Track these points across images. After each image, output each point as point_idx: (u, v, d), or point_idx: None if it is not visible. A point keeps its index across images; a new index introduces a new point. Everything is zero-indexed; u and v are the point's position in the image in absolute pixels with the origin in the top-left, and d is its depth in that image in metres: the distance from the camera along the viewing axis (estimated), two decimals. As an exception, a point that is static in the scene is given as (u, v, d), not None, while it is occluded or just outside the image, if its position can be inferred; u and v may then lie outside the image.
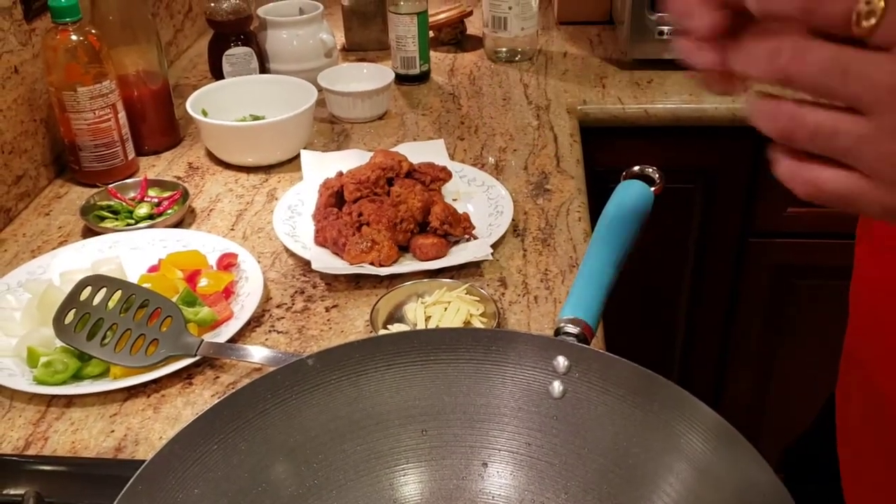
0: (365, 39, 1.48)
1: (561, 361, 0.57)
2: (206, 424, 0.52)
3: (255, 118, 1.18)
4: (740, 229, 1.38)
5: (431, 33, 1.45)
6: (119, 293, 0.78)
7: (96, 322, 0.76)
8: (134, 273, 0.87)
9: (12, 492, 0.63)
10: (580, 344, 0.57)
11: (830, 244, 1.36)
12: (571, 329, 0.58)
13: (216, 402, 0.54)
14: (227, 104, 1.18)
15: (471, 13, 1.51)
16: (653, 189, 0.70)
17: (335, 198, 0.96)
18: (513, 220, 0.96)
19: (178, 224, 1.00)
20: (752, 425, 1.55)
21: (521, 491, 0.57)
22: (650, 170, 0.71)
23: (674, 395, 0.52)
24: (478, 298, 0.82)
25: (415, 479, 0.58)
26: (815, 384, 1.50)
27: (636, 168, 0.71)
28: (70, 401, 0.75)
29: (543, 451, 0.57)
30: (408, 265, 0.89)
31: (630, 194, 0.68)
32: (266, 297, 0.87)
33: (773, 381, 1.51)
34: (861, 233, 0.70)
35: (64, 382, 0.75)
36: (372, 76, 1.26)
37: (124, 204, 1.02)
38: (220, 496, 0.52)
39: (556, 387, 0.57)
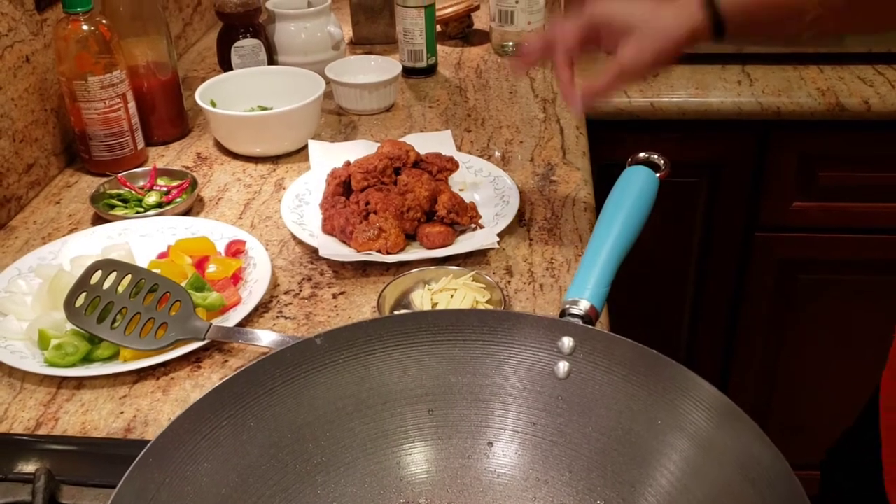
0: (372, 33, 1.49)
1: (566, 342, 0.57)
2: (216, 400, 0.53)
3: (264, 109, 1.19)
4: (745, 223, 1.38)
5: (438, 27, 1.45)
6: (129, 277, 0.79)
7: (106, 305, 0.77)
8: (143, 259, 0.88)
9: (24, 470, 0.64)
10: (585, 325, 0.58)
11: (836, 238, 1.36)
12: (576, 310, 0.59)
13: (226, 378, 0.54)
14: (236, 95, 1.19)
15: (478, 7, 1.52)
16: (658, 175, 0.70)
17: (343, 187, 0.97)
18: (519, 210, 0.96)
19: (187, 213, 1.01)
20: (756, 419, 1.55)
21: (525, 470, 0.57)
22: (656, 156, 0.71)
23: (677, 374, 0.53)
24: (484, 286, 0.83)
25: (421, 457, 0.58)
26: (821, 378, 1.50)
27: (642, 154, 0.72)
28: (80, 383, 0.75)
29: (548, 431, 0.57)
30: (415, 253, 0.90)
31: (636, 179, 0.69)
32: (274, 284, 0.88)
33: (777, 376, 1.52)
34: None
35: (74, 365, 0.75)
36: (379, 68, 1.27)
37: (134, 192, 1.03)
38: (229, 471, 0.53)
39: (561, 367, 0.57)
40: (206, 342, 0.77)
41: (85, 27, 1.02)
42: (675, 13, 0.78)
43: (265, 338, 0.76)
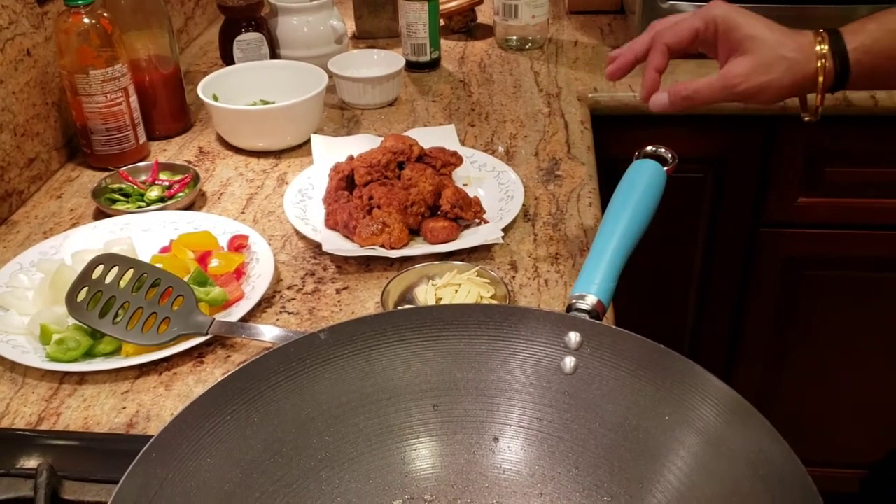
0: (375, 27, 1.48)
1: (573, 337, 0.57)
2: (219, 395, 0.53)
3: (266, 104, 1.18)
4: (750, 219, 1.38)
5: (442, 22, 1.45)
6: (131, 272, 0.78)
7: (108, 300, 0.77)
8: (146, 254, 0.87)
9: (26, 465, 0.64)
10: (592, 320, 0.57)
11: (841, 235, 1.36)
12: (583, 305, 0.58)
13: (229, 373, 0.54)
14: (238, 89, 1.18)
15: (482, 1, 1.51)
16: (666, 169, 0.69)
17: (346, 181, 0.96)
18: (523, 205, 0.96)
19: (189, 207, 1.00)
20: (761, 414, 1.54)
21: (531, 465, 0.57)
22: (663, 149, 0.71)
23: (685, 369, 0.52)
24: (488, 281, 0.82)
25: (426, 453, 0.58)
26: (826, 375, 1.49)
27: (649, 147, 0.71)
28: (82, 378, 0.75)
29: (555, 427, 0.57)
30: (418, 248, 0.89)
31: (643, 173, 0.68)
32: (277, 279, 0.87)
33: (783, 373, 1.51)
34: None
35: (76, 360, 0.75)
36: (382, 62, 1.26)
37: (135, 187, 1.02)
38: (232, 466, 0.52)
39: (568, 362, 0.57)
40: (208, 337, 0.76)
41: (86, 20, 1.01)
42: (799, 49, 0.71)
43: (268, 333, 0.75)
